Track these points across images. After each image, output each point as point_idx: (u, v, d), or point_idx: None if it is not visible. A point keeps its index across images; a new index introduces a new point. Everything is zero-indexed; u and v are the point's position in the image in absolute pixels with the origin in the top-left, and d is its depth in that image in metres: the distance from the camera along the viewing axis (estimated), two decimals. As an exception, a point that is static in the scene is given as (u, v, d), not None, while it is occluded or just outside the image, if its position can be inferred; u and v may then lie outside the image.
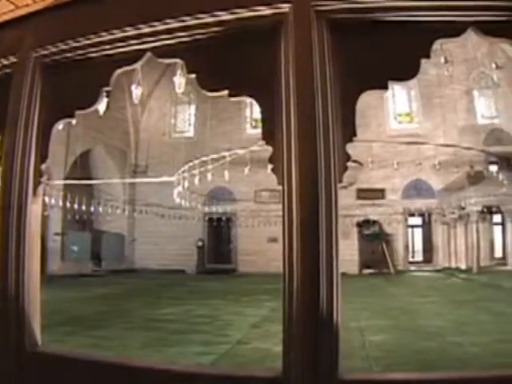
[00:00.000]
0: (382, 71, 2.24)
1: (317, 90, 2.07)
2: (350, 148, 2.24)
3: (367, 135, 34.14)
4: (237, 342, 10.21)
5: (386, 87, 2.23)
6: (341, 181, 2.10)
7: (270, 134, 2.15)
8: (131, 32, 2.41)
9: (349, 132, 2.17)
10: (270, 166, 2.14)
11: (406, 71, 2.27)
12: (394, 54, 2.24)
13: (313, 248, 2.00)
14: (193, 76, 2.32)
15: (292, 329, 2.04)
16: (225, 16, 2.23)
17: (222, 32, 2.26)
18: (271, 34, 2.21)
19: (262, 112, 2.17)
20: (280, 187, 2.10)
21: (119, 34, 2.46)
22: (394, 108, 40.20)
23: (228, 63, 2.27)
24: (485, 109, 40.63)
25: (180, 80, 14.98)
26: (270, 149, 2.18)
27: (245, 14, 2.21)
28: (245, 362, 8.26)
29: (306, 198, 2.02)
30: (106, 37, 2.49)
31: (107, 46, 2.51)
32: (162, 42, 2.40)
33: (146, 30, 2.38)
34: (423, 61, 2.23)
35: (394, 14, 2.20)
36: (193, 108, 40.26)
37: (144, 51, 2.46)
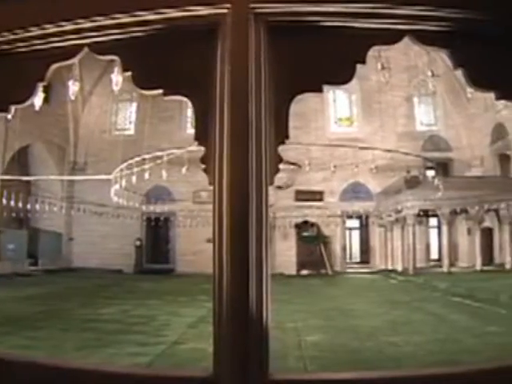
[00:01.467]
0: (317, 75, 2.25)
1: (251, 92, 2.08)
2: (290, 150, 2.26)
3: (307, 138, 34.45)
4: (173, 343, 10.19)
5: (320, 90, 2.25)
6: (272, 183, 2.11)
7: (202, 134, 2.14)
8: (68, 27, 2.37)
9: (281, 134, 2.19)
10: (202, 166, 2.14)
11: (341, 76, 2.29)
12: (329, 58, 2.25)
13: (243, 249, 2.00)
14: (128, 74, 2.30)
15: (221, 329, 2.04)
16: (162, 14, 2.21)
17: (158, 30, 2.24)
18: (209, 34, 2.20)
19: (196, 112, 2.17)
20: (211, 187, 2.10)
21: (55, 29, 2.41)
22: (334, 112, 40.58)
23: (163, 62, 2.25)
24: (424, 116, 41.46)
25: (117, 77, 14.80)
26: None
27: (183, 12, 2.19)
28: (180, 363, 8.24)
29: (237, 198, 2.02)
30: (41, 31, 2.44)
31: (42, 41, 2.46)
32: (99, 37, 2.36)
33: (84, 25, 2.34)
34: (366, 66, 2.27)
35: (331, 19, 2.21)
36: (134, 106, 39.86)
37: (81, 46, 2.42)
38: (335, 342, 10.52)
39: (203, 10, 2.17)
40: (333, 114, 40.95)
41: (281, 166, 2.23)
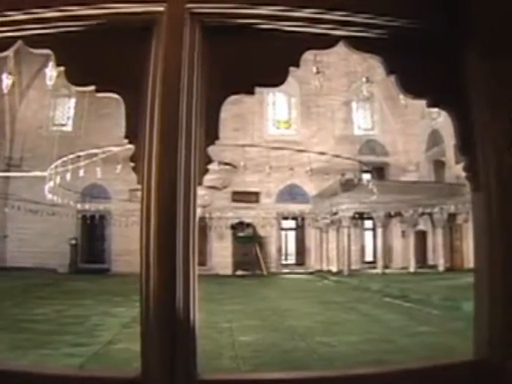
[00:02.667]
0: (249, 76, 2.27)
1: (182, 92, 2.07)
2: (228, 151, 2.26)
3: (246, 140, 34.47)
4: (107, 343, 10.05)
5: (252, 92, 2.25)
6: (201, 183, 2.11)
7: (132, 132, 2.12)
8: (1, 19, 2.32)
9: (212, 135, 2.19)
10: (131, 165, 2.12)
11: (274, 78, 2.32)
12: (262, 60, 2.28)
13: (169, 249, 2.00)
14: (62, 68, 2.26)
15: (149, 329, 2.03)
16: (98, 10, 2.18)
17: (94, 26, 2.21)
18: (144, 32, 2.19)
19: (127, 110, 2.15)
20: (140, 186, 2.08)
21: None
22: (273, 114, 40.69)
23: (97, 58, 2.22)
24: (362, 120, 42.04)
25: (52, 72, 14.43)
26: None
27: (119, 9, 2.17)
28: (113, 363, 8.13)
29: (165, 198, 2.01)
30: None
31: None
32: (34, 31, 2.32)
33: (17, 17, 2.30)
34: (306, 70, 2.29)
35: (265, 22, 2.23)
36: (73, 101, 39.06)
37: (14, 39, 2.37)
38: (269, 341, 10.55)
39: (139, 8, 2.16)
40: (272, 117, 41.11)
41: (216, 167, 2.23)
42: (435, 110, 2.74)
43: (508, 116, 2.51)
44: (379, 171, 40.41)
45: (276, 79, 2.32)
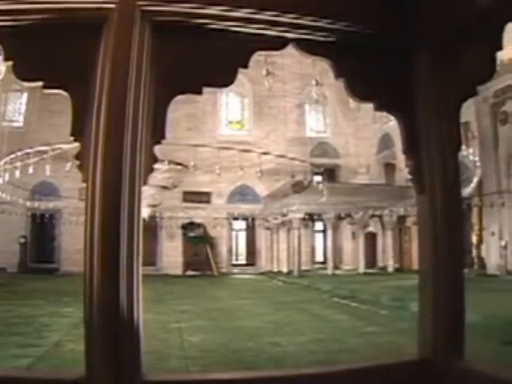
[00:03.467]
0: (197, 76, 2.26)
1: (130, 90, 2.05)
2: (180, 151, 2.25)
3: (199, 139, 34.40)
4: (55, 344, 9.91)
5: (199, 92, 2.25)
6: (146, 182, 2.09)
7: (79, 130, 2.09)
8: None
9: (158, 134, 2.17)
10: (77, 163, 2.10)
11: (222, 79, 2.32)
12: (211, 60, 2.27)
13: (113, 248, 1.98)
14: (10, 63, 2.21)
15: (92, 329, 2.01)
16: (49, 5, 2.14)
17: (44, 21, 2.17)
18: (94, 29, 2.15)
19: (74, 107, 2.11)
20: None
21: None
22: (226, 115, 40.69)
23: (45, 54, 2.17)
24: (314, 123, 42.34)
25: (1, 66, 14.17)
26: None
27: (69, 5, 2.13)
28: (60, 364, 8.02)
29: (109, 197, 1.99)
30: None
31: None
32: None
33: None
34: (260, 71, 2.31)
35: (216, 22, 2.23)
36: (25, 97, 38.34)
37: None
38: (218, 342, 10.55)
39: (90, 4, 2.13)
40: (224, 117, 41.12)
41: (167, 167, 2.22)
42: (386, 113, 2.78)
43: (453, 120, 2.56)
44: (330, 173, 40.78)
45: (224, 80, 2.32)
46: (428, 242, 2.61)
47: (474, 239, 30.43)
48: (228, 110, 41.21)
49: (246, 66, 2.32)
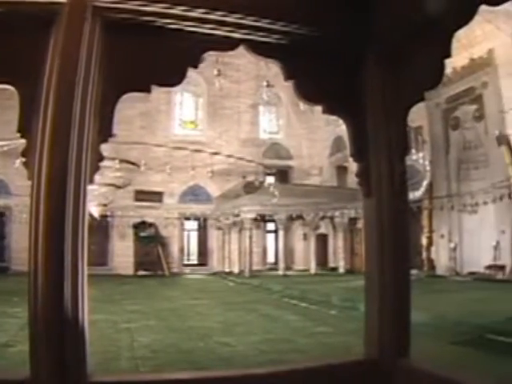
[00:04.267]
0: (146, 75, 2.24)
1: (78, 87, 2.02)
2: (133, 150, 2.22)
3: (152, 139, 34.26)
4: (3, 345, 9.73)
5: (148, 91, 2.23)
6: (92, 181, 2.06)
7: (25, 126, 2.06)
8: None
9: (105, 133, 2.14)
10: (23, 160, 2.06)
11: (171, 78, 2.31)
12: (161, 59, 2.26)
13: (58, 247, 1.95)
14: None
15: (37, 330, 1.98)
16: (-2, -3, 2.10)
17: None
18: (44, 23, 2.11)
19: (21, 103, 2.07)
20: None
21: None
22: (180, 114, 40.50)
23: (-8, 48, 2.13)
24: (268, 124, 42.48)
25: None
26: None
27: (19, -1, 2.10)
28: (8, 366, 7.89)
29: (54, 195, 1.96)
30: None
31: None
32: None
33: None
34: (212, 71, 2.30)
35: (168, 21, 2.22)
36: (-22, 92, 37.45)
37: None
38: (168, 342, 10.52)
39: (41, -2, 2.09)
40: (178, 116, 40.89)
41: (118, 165, 2.20)
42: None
43: (401, 124, 2.60)
44: (283, 174, 41.00)
45: (173, 79, 2.31)
46: (374, 243, 2.65)
47: (424, 241, 30.98)
48: (182, 110, 40.98)
49: (195, 66, 2.31)
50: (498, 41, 25.93)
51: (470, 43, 26.60)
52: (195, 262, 40.33)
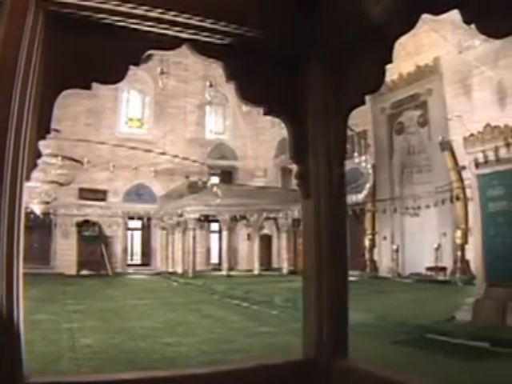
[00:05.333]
0: (87, 72, 2.22)
1: (17, 82, 1.98)
2: (78, 147, 2.19)
3: (97, 136, 33.91)
4: None
5: (88, 88, 2.21)
6: (29, 178, 2.03)
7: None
8: None
9: (44, 129, 2.11)
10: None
11: (112, 76, 2.28)
12: (102, 56, 2.24)
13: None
14: None
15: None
16: None
17: None
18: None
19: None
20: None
21: None
22: (126, 112, 40.09)
23: None
24: (214, 124, 42.46)
25: None
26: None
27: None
28: None
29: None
30: None
31: None
32: None
33: None
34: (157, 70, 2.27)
35: (110, 17, 2.20)
36: None
37: None
38: (110, 343, 10.42)
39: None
40: (125, 114, 40.45)
41: (60, 163, 2.17)
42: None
43: (341, 127, 2.64)
44: (228, 175, 41.04)
45: (114, 77, 2.28)
46: (312, 244, 2.68)
47: (367, 243, 31.38)
48: (128, 108, 40.55)
49: (137, 64, 2.30)
50: (443, 50, 26.55)
51: (416, 51, 27.19)
52: (139, 262, 39.97)
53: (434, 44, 26.75)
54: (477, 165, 13.15)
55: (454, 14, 1.95)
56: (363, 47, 2.40)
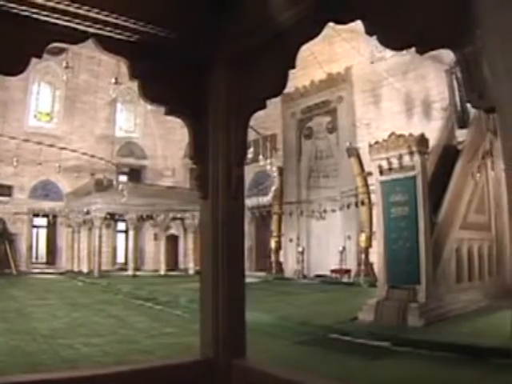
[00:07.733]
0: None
1: None
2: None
3: (4, 129, 32.95)
4: None
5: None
6: None
7: None
8: None
9: None
10: None
11: (12, 67, 2.20)
12: (3, 46, 2.15)
13: None
14: None
15: None
16: None
17: None
18: None
19: None
20: None
21: None
22: (36, 105, 38.99)
23: None
24: (124, 122, 41.98)
25: None
26: None
27: None
28: None
29: None
30: None
31: None
32: None
33: None
34: (74, 64, 2.20)
35: (12, 7, 2.14)
36: None
37: None
38: (12, 344, 10.21)
39: None
40: (34, 107, 39.35)
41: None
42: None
43: (242, 130, 2.73)
44: (136, 174, 40.78)
45: (14, 68, 2.20)
46: (209, 245, 2.74)
47: (273, 245, 31.72)
48: (38, 101, 39.44)
49: (39, 56, 2.24)
50: (356, 59, 27.30)
51: (330, 59, 27.85)
52: (44, 261, 39.01)
53: (347, 53, 27.48)
54: (381, 171, 13.63)
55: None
56: (268, 52, 2.44)
